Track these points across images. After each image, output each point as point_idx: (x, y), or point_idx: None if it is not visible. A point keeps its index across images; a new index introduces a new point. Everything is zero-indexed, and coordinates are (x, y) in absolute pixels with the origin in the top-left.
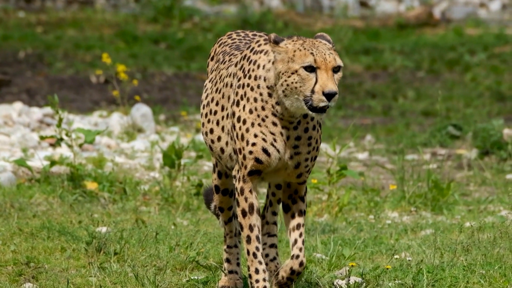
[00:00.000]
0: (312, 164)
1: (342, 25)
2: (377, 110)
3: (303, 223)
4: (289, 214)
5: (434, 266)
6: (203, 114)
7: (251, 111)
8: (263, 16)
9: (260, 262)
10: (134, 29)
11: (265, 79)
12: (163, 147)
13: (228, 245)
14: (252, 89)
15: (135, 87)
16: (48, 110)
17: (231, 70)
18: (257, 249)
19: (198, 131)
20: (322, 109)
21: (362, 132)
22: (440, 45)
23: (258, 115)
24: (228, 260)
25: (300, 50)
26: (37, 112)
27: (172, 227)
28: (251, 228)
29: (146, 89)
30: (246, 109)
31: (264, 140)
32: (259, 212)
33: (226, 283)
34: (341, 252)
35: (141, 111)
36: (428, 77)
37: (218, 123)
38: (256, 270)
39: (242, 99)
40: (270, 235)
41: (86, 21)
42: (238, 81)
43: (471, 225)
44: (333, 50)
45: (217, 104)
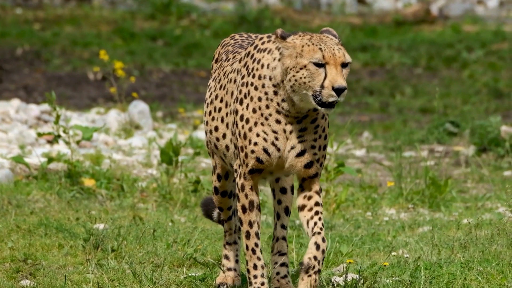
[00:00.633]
0: (322, 155)
1: (340, 22)
2: (375, 107)
3: (321, 211)
4: (306, 209)
5: (432, 263)
6: (207, 112)
7: (255, 110)
8: (261, 13)
9: (259, 258)
10: (132, 26)
11: (271, 78)
12: (161, 144)
13: (227, 242)
14: (256, 88)
15: (133, 84)
16: (46, 107)
17: (235, 66)
18: (256, 245)
19: (196, 128)
20: (331, 104)
21: (360, 129)
22: (438, 42)
23: (262, 114)
24: (227, 257)
25: (309, 45)
26: (35, 109)
27: (170, 224)
28: (251, 224)
29: (144, 86)
30: (250, 108)
31: (265, 140)
32: (259, 208)
33: (224, 280)
34: (339, 249)
35: (139, 108)
36: (426, 74)
37: (223, 120)
38: (255, 266)
39: (246, 98)
40: (281, 254)
41: (84, 18)
42: (242, 79)
43: (469, 222)
44: (341, 45)
45: (222, 101)
